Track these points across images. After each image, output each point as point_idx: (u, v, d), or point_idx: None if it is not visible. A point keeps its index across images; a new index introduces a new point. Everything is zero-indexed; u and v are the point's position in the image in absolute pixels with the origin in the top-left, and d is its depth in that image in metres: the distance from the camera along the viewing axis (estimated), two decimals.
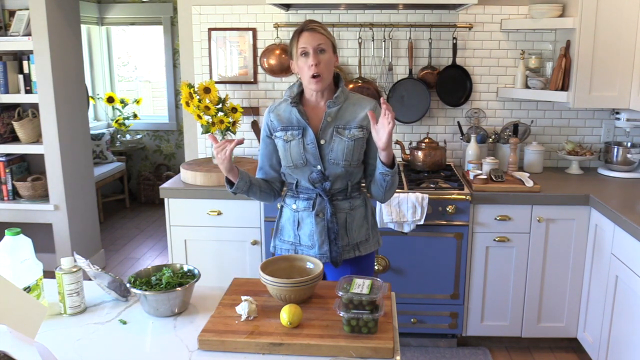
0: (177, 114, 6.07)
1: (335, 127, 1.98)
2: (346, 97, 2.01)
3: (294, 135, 1.99)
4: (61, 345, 1.46)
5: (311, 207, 2.02)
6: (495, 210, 2.85)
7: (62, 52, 3.73)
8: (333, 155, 1.96)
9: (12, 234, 1.58)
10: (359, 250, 2.05)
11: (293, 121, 2.01)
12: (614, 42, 2.88)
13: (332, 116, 1.98)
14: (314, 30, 1.93)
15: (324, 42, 1.93)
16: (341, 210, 2.01)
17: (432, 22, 3.26)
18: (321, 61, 1.92)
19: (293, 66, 2.01)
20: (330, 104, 1.98)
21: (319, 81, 1.93)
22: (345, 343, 1.41)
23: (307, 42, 1.92)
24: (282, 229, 2.11)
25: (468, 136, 3.26)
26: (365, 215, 2.08)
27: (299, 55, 1.94)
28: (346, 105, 2.00)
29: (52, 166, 3.75)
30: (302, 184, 2.02)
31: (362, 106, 2.01)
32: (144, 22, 6.02)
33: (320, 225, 2.00)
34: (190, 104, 3.05)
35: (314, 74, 1.91)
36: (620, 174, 3.16)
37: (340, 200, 2.02)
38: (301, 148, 1.97)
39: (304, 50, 1.92)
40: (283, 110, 2.04)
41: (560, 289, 2.94)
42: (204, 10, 3.33)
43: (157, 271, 1.71)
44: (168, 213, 2.96)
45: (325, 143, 1.97)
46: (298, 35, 1.94)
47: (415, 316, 2.99)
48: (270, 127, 2.05)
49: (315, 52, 1.91)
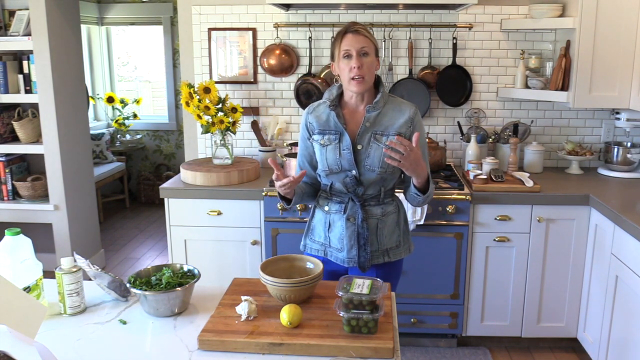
0: (177, 114, 6.07)
1: (373, 133, 1.95)
2: (386, 102, 1.99)
3: (331, 140, 1.97)
4: (61, 345, 1.46)
5: (343, 210, 2.00)
6: (495, 210, 2.85)
7: (62, 52, 3.73)
8: (369, 161, 1.94)
9: (12, 234, 1.58)
10: (388, 257, 2.03)
11: (331, 125, 1.98)
12: (614, 42, 2.88)
13: (370, 121, 1.95)
14: (357, 33, 1.90)
15: (368, 45, 1.90)
16: (373, 216, 2.00)
17: (432, 22, 3.26)
18: (364, 64, 1.89)
19: (334, 68, 1.98)
20: (369, 108, 1.95)
21: (360, 82, 1.90)
22: (345, 343, 1.41)
23: (351, 44, 1.89)
24: (314, 229, 2.10)
25: (468, 136, 3.26)
26: (398, 222, 2.06)
27: (342, 57, 1.91)
28: (385, 110, 1.97)
29: (52, 166, 3.75)
30: (335, 187, 2.01)
31: (402, 112, 1.98)
32: (144, 22, 6.02)
33: (351, 229, 1.98)
34: (190, 104, 3.05)
35: (355, 75, 1.89)
36: (620, 174, 3.16)
37: (373, 205, 2.00)
38: (337, 153, 1.95)
39: (347, 52, 1.89)
40: (321, 112, 2.02)
41: (560, 289, 2.94)
42: (204, 10, 3.33)
43: (157, 271, 1.71)
44: (168, 213, 2.96)
45: (362, 149, 1.95)
46: (342, 37, 1.91)
47: (415, 316, 2.99)
48: (310, 128, 2.04)
49: (359, 54, 1.88)
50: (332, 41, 1.97)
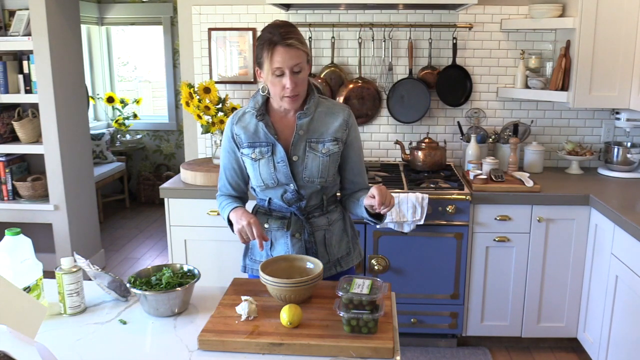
0: (177, 114, 6.07)
1: (307, 141, 1.80)
2: (317, 106, 1.82)
3: (263, 153, 1.80)
4: (61, 345, 1.46)
5: (285, 226, 1.86)
6: (495, 210, 2.85)
7: (62, 52, 3.73)
8: (307, 173, 1.80)
9: (12, 234, 1.58)
10: (340, 266, 1.92)
11: (260, 136, 1.80)
12: (614, 42, 2.88)
13: (303, 129, 1.79)
14: (290, 47, 1.68)
15: (301, 61, 1.71)
16: (319, 228, 1.86)
17: (432, 22, 3.26)
18: (297, 82, 1.71)
19: (259, 74, 1.77)
20: (300, 115, 1.78)
21: (294, 100, 1.75)
22: (345, 343, 1.41)
23: (283, 61, 1.68)
24: (253, 247, 1.95)
25: (468, 136, 3.26)
26: (344, 228, 1.95)
27: (272, 73, 1.71)
28: (318, 115, 1.82)
29: (52, 166, 3.75)
30: (274, 202, 1.87)
31: (335, 115, 1.84)
32: (144, 22, 6.02)
33: (297, 245, 1.85)
34: (190, 104, 3.05)
35: (289, 95, 1.72)
36: (620, 174, 3.16)
37: (317, 217, 1.87)
38: (271, 167, 1.80)
39: (279, 70, 1.69)
40: (248, 122, 1.83)
41: (560, 289, 2.94)
42: (204, 10, 3.33)
43: (157, 271, 1.71)
44: (168, 213, 2.96)
45: (298, 160, 1.79)
46: (272, 50, 1.68)
47: (415, 316, 2.99)
48: (237, 141, 1.85)
49: (292, 72, 1.69)
50: (258, 45, 1.72)
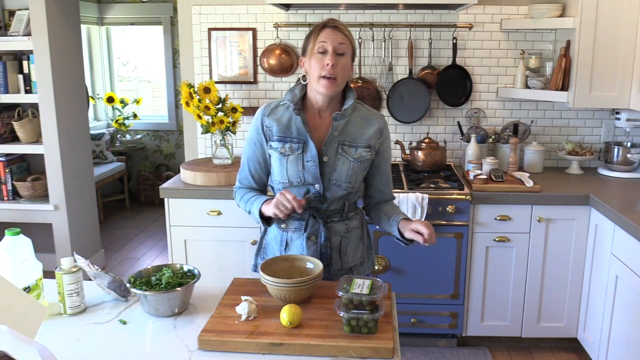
0: (177, 114, 6.07)
1: (340, 144, 1.78)
2: (353, 109, 1.81)
3: (293, 149, 1.77)
4: (61, 345, 1.46)
5: (303, 228, 1.83)
6: (495, 210, 2.85)
7: (62, 52, 3.73)
8: (336, 175, 1.77)
9: (12, 234, 1.58)
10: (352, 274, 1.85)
11: (293, 131, 1.78)
12: (614, 42, 2.88)
13: (338, 130, 1.77)
14: (337, 29, 1.72)
15: (346, 44, 1.72)
16: (336, 234, 1.83)
17: (432, 22, 3.26)
18: (338, 63, 1.70)
19: (302, 63, 1.78)
20: (337, 116, 1.76)
21: (331, 83, 1.71)
22: (345, 343, 1.40)
23: (329, 38, 1.70)
24: (267, 247, 1.93)
25: (468, 136, 3.26)
26: (362, 237, 1.93)
27: (315, 51, 1.71)
28: (353, 119, 1.80)
29: (52, 166, 3.75)
30: None
31: (371, 122, 1.82)
32: (144, 22, 6.02)
33: (312, 249, 1.82)
34: (190, 104, 3.05)
35: (327, 74, 1.69)
36: (620, 174, 3.16)
37: (336, 222, 1.84)
38: (299, 165, 1.76)
39: (322, 47, 1.70)
40: (281, 115, 1.80)
41: (560, 289, 2.94)
42: (204, 10, 3.33)
43: (157, 271, 1.70)
44: (168, 213, 2.96)
45: (328, 161, 1.76)
46: (319, 31, 1.72)
47: (415, 316, 2.99)
48: (266, 133, 1.81)
49: (335, 51, 1.70)
50: (306, 35, 1.77)
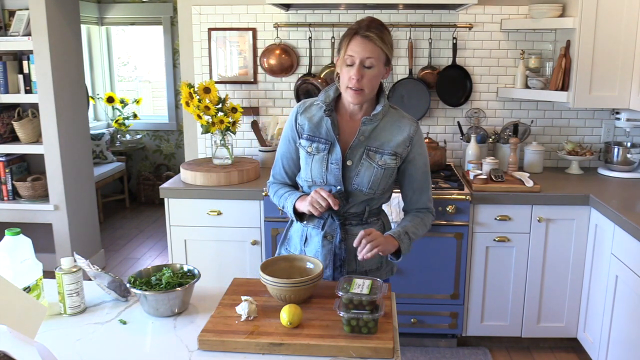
0: (177, 114, 6.07)
1: (366, 149, 1.77)
2: (385, 114, 1.79)
3: (319, 150, 1.78)
4: (61, 345, 1.46)
5: (321, 226, 1.84)
6: (495, 210, 2.85)
7: (62, 52, 3.73)
8: (358, 180, 1.77)
9: (12, 234, 1.58)
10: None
11: (322, 131, 1.79)
12: (614, 42, 2.88)
13: (365, 135, 1.76)
14: (368, 39, 1.67)
15: (376, 56, 1.68)
16: (353, 236, 1.78)
17: (432, 22, 3.26)
18: (365, 76, 1.69)
19: (338, 64, 1.78)
20: (365, 120, 1.75)
21: (358, 95, 1.71)
22: (345, 343, 1.41)
23: (356, 51, 1.68)
24: (290, 239, 1.97)
25: (468, 136, 3.26)
26: None
27: (344, 62, 1.71)
28: (383, 124, 1.78)
29: (52, 166, 3.75)
30: None
31: (401, 128, 1.79)
32: (144, 22, 6.02)
33: (327, 248, 1.83)
34: (190, 104, 3.05)
35: (353, 87, 1.69)
36: (620, 174, 3.16)
37: (354, 225, 1.83)
38: (324, 166, 1.78)
39: (350, 59, 1.69)
40: (314, 114, 1.82)
41: (560, 289, 2.94)
42: (204, 10, 3.33)
43: (157, 271, 1.70)
44: (168, 213, 2.96)
45: (352, 165, 1.77)
46: (350, 39, 1.70)
47: (415, 316, 2.99)
48: (299, 130, 1.83)
49: (361, 65, 1.68)
50: (342, 35, 1.75)
